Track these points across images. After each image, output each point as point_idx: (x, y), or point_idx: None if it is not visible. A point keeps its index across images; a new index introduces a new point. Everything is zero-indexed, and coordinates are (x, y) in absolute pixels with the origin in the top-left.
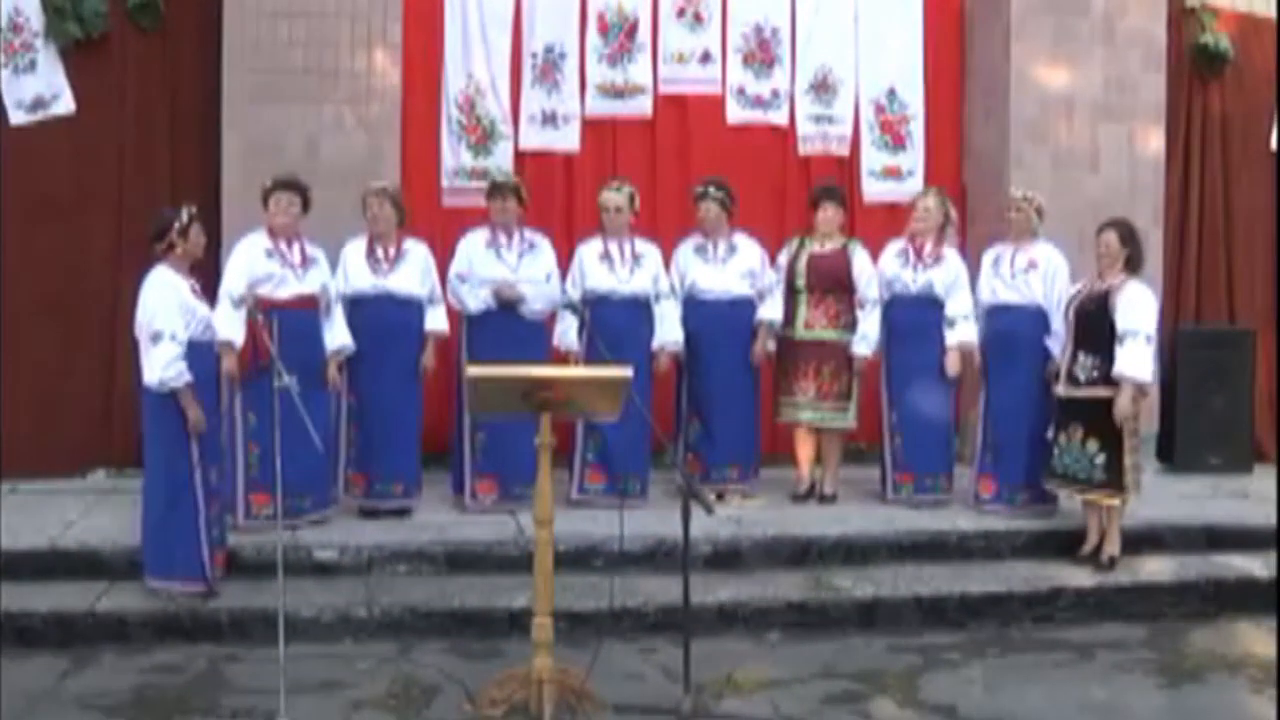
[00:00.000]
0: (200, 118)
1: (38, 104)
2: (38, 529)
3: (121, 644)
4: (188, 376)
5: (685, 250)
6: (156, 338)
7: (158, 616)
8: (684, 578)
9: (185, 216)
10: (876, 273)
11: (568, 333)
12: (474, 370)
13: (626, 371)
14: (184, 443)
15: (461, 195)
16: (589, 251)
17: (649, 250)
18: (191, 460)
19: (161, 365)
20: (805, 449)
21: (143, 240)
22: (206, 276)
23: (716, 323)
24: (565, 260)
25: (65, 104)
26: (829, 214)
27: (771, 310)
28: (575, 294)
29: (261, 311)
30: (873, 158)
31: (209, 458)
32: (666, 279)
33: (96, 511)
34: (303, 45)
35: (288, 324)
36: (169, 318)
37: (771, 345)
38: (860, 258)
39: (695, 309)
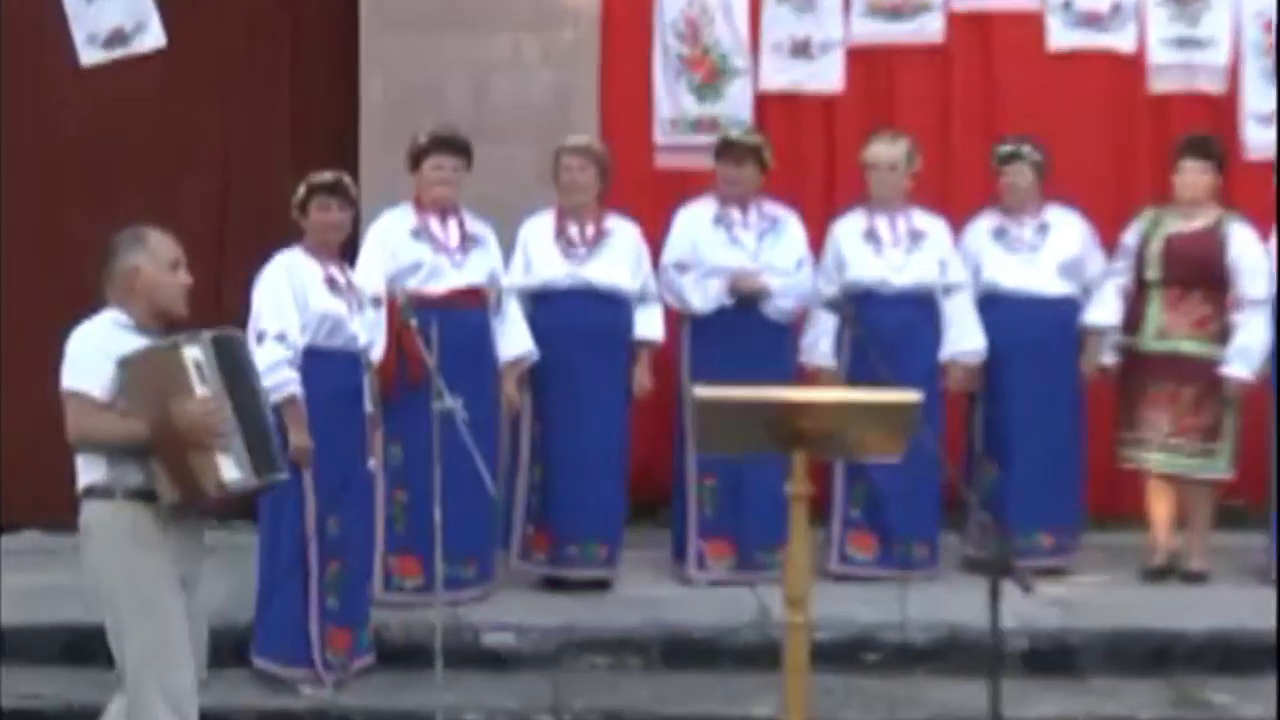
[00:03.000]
0: (331, 53)
1: (116, 38)
2: None
3: None
4: (293, 389)
5: (979, 232)
6: (259, 338)
7: (274, 716)
8: (992, 684)
9: (302, 190)
10: (1268, 261)
11: (821, 341)
12: (702, 391)
13: (913, 395)
14: (292, 479)
15: (681, 154)
16: (849, 229)
17: (933, 226)
18: (302, 503)
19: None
20: (1161, 507)
21: (252, 213)
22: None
23: (1023, 331)
24: (821, 240)
25: (153, 37)
26: (1193, 176)
27: (1103, 312)
28: (831, 288)
29: (413, 311)
30: (1259, 96)
31: (328, 502)
32: (959, 265)
33: None
34: None
35: (445, 327)
36: (273, 314)
37: (1109, 359)
38: (1240, 239)
39: (994, 312)
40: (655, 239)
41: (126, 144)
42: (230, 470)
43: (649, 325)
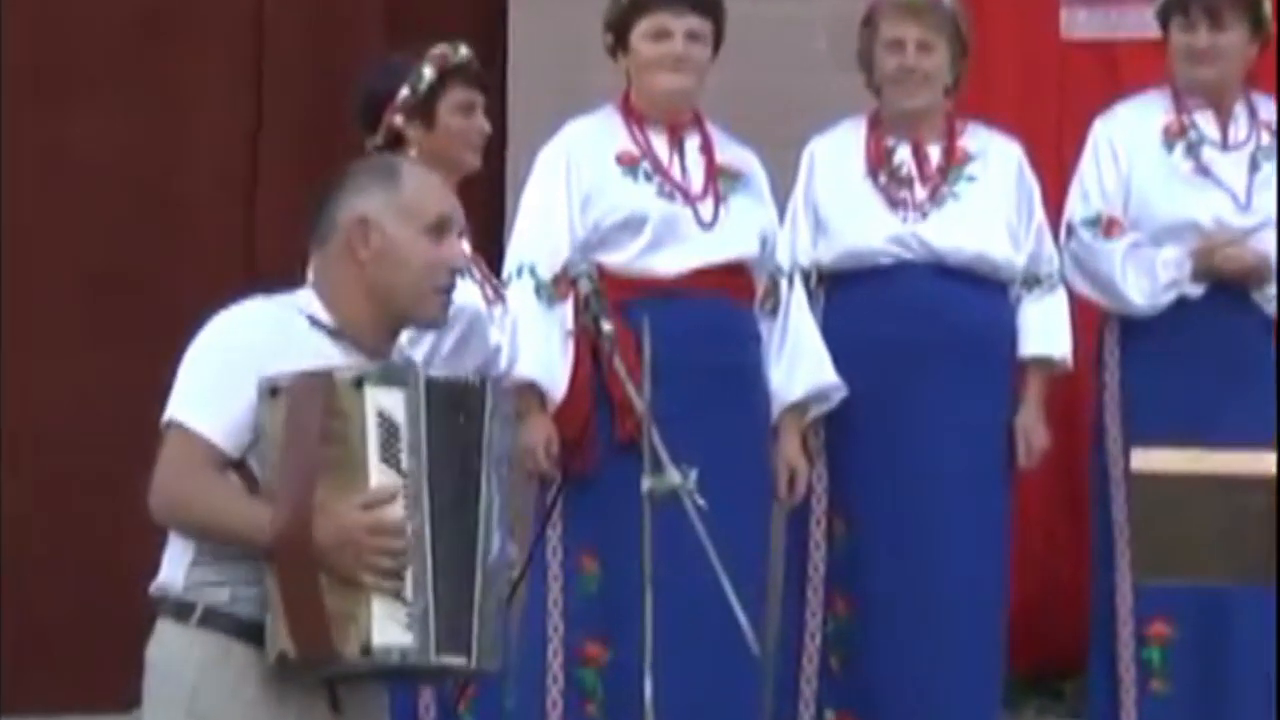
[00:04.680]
0: None
1: None
2: None
3: None
4: None
5: None
6: None
7: None
8: None
9: (429, 74)
10: None
11: None
12: (1146, 460)
13: None
14: None
15: (1107, 11)
16: None
17: None
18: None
19: None
20: None
21: (308, 123)
22: (485, 222)
23: None
24: None
25: None
26: None
27: None
28: None
29: (610, 311)
30: None
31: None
32: None
33: None
34: None
35: (678, 337)
36: None
37: None
38: None
39: None
40: (1056, 173)
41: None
42: (387, 629)
43: (1046, 331)
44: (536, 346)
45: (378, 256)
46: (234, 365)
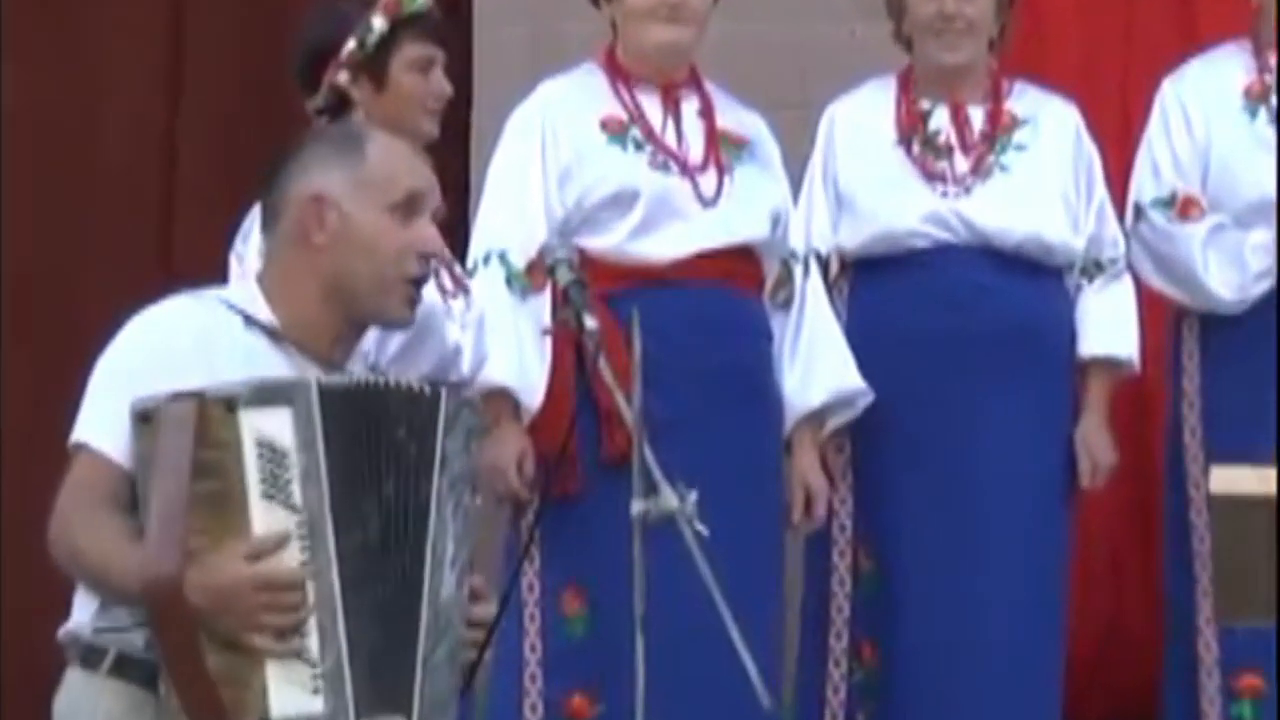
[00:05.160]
0: None
1: None
2: None
3: None
4: None
5: None
6: None
7: None
8: None
9: (379, 24)
10: None
11: None
12: (1226, 478)
13: None
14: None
15: None
16: None
17: None
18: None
19: None
20: None
21: (249, 114)
22: (447, 200)
23: None
24: None
25: None
26: None
27: None
28: None
29: (595, 304)
30: None
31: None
32: None
33: None
34: None
35: (674, 334)
36: None
37: None
38: None
39: None
40: (1121, 142)
41: None
42: (289, 696)
43: (1110, 326)
44: (508, 346)
45: (335, 240)
46: (147, 376)
